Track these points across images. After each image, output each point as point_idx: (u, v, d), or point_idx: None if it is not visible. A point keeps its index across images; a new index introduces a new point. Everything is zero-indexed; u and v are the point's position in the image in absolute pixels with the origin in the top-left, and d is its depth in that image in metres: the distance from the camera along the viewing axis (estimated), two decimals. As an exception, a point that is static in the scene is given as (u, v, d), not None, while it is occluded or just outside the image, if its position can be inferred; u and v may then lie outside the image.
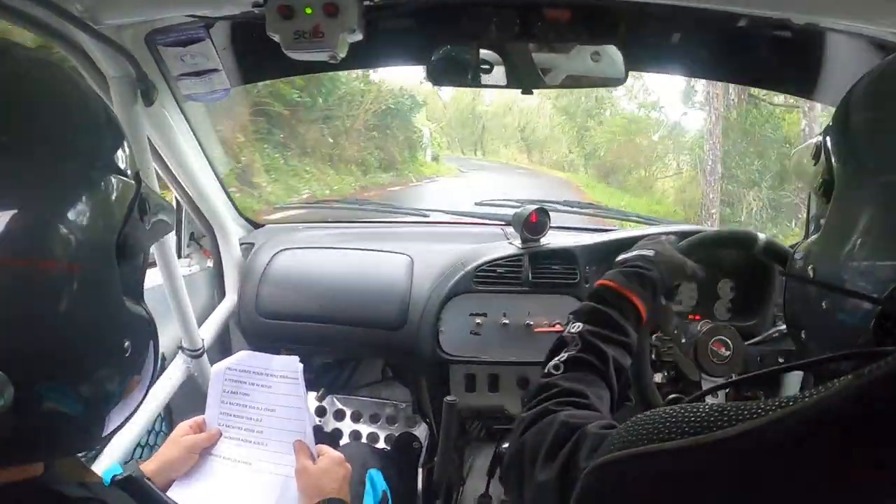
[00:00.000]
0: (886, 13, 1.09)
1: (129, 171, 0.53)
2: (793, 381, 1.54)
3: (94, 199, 0.48)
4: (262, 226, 1.91)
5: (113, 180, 0.51)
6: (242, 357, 1.12)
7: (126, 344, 0.52)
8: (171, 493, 0.98)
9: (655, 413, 0.51)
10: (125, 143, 0.54)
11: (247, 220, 1.90)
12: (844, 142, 0.58)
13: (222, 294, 1.75)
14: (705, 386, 1.24)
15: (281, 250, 1.70)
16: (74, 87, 0.52)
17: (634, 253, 1.02)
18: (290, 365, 1.09)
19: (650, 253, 1.00)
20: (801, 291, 0.62)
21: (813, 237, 0.61)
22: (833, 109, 0.65)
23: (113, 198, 0.50)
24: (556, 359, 0.82)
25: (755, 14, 1.19)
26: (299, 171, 8.46)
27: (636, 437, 0.50)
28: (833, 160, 0.59)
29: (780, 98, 9.30)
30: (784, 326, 1.24)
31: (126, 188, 0.52)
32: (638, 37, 1.46)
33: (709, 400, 0.84)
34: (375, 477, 1.32)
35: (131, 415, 0.56)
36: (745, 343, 1.19)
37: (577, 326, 0.86)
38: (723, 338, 1.21)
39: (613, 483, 0.51)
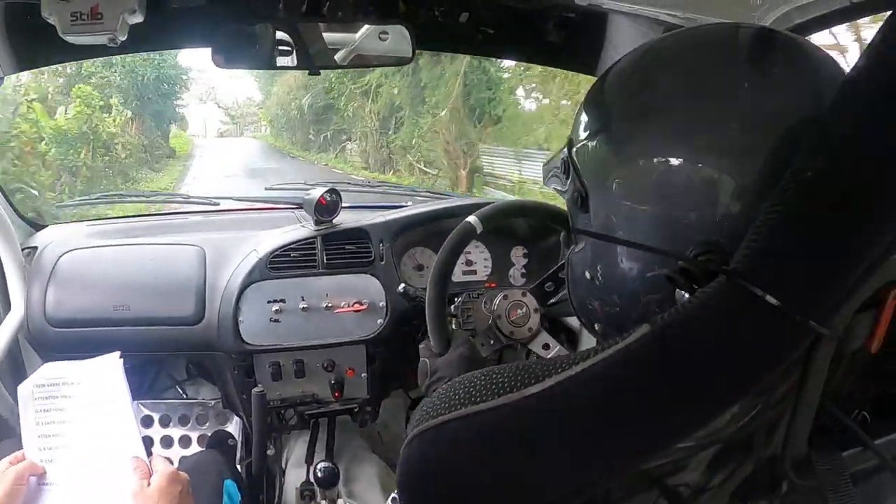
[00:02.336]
0: None
1: None
2: (589, 336, 1.68)
3: None
4: (45, 227, 1.72)
5: None
6: (50, 369, 1.00)
7: None
8: None
9: (468, 377, 0.52)
10: None
11: (27, 221, 1.70)
12: (601, 123, 0.59)
13: (7, 306, 1.56)
14: (533, 347, 1.32)
15: (67, 251, 1.54)
16: None
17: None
18: (107, 365, 0.99)
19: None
20: (581, 278, 0.64)
21: (580, 245, 0.63)
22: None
23: None
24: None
25: None
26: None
27: (448, 403, 0.50)
28: (580, 169, 0.60)
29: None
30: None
31: None
32: (427, 15, 1.49)
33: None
34: (231, 488, 1.26)
35: None
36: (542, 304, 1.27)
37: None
38: (518, 300, 1.29)
39: (434, 448, 0.51)
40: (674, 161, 0.52)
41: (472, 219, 1.16)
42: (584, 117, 0.62)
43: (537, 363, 0.49)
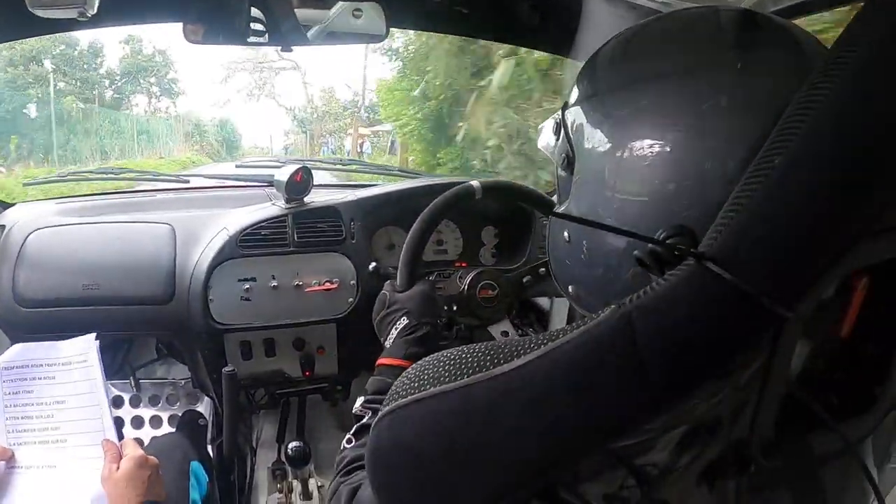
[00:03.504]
0: None
1: None
2: (559, 319, 1.70)
3: None
4: (12, 205, 1.69)
5: None
6: (18, 351, 1.00)
7: None
8: None
9: (436, 357, 0.52)
10: None
11: None
12: (589, 111, 0.59)
13: None
14: (492, 330, 1.33)
15: (35, 230, 1.52)
16: None
17: (397, 318, 1.07)
18: (81, 347, 0.99)
19: (405, 318, 1.06)
20: (562, 243, 0.64)
21: (564, 206, 0.63)
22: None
23: None
24: (348, 434, 0.89)
25: None
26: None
27: (419, 382, 0.51)
28: (572, 134, 0.61)
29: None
30: (542, 269, 1.36)
31: None
32: (401, -8, 1.49)
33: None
34: (198, 470, 1.26)
35: None
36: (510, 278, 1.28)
37: (359, 401, 0.95)
38: (488, 281, 1.30)
39: (403, 428, 0.51)
40: (656, 143, 0.52)
41: (474, 183, 1.17)
42: (576, 85, 0.63)
43: (507, 342, 0.49)
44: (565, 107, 0.63)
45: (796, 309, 0.42)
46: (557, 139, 0.64)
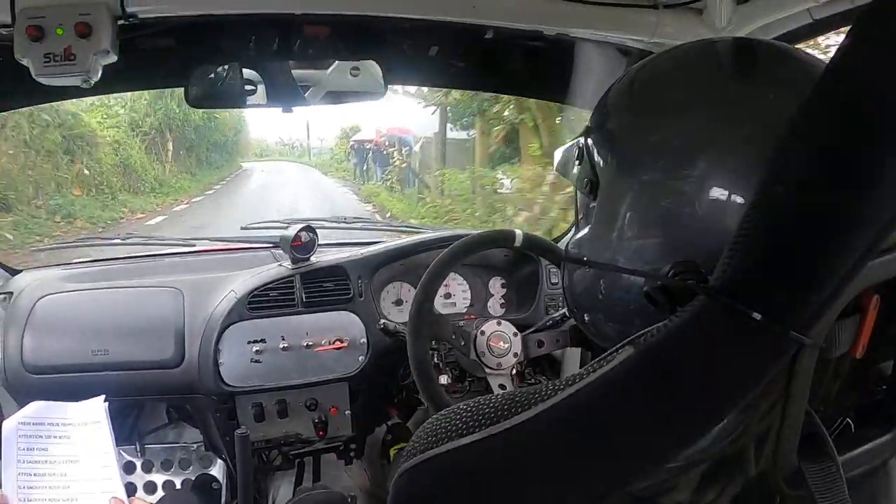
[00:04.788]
0: (627, 24, 1.23)
1: None
2: (571, 365, 1.68)
3: None
4: (19, 271, 1.70)
5: None
6: (36, 408, 0.98)
7: None
8: None
9: (451, 411, 0.51)
10: None
11: (2, 266, 1.68)
12: (604, 143, 0.60)
13: None
14: (492, 380, 1.31)
15: (43, 296, 1.52)
16: None
17: None
18: (92, 409, 0.98)
19: None
20: (581, 277, 0.64)
21: (584, 230, 0.63)
22: (588, 112, 0.66)
23: None
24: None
25: (508, 27, 1.26)
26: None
27: (435, 437, 0.50)
28: (595, 160, 0.60)
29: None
30: (557, 314, 1.34)
31: None
32: (396, 50, 1.51)
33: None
34: None
35: None
36: (523, 333, 1.27)
37: None
38: (500, 331, 1.29)
39: (422, 483, 0.51)
40: (670, 180, 0.52)
41: (517, 231, 1.20)
42: (596, 115, 0.63)
43: (522, 392, 0.49)
44: (588, 132, 0.63)
45: (811, 334, 0.42)
46: (579, 163, 0.63)
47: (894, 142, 0.38)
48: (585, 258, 0.62)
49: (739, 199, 0.49)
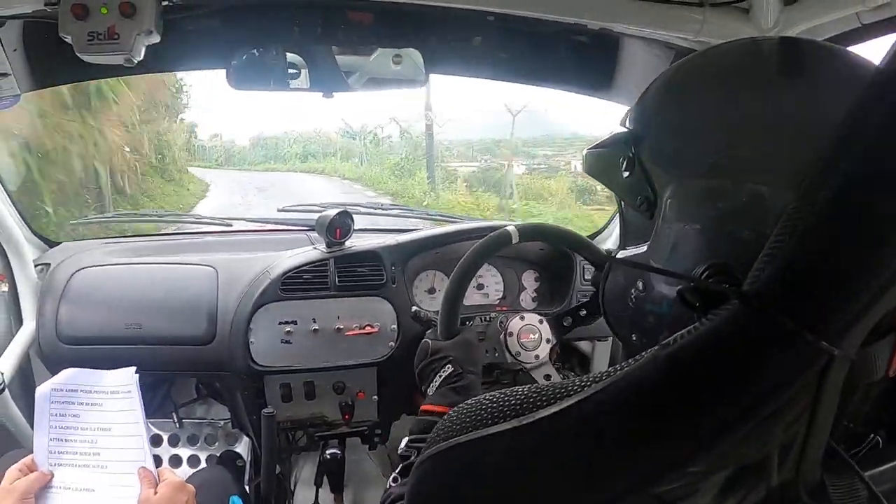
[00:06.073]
0: (673, 21, 1.21)
1: None
2: (601, 361, 1.67)
3: None
4: (58, 243, 1.73)
5: None
6: (68, 375, 1.03)
7: None
8: None
9: (478, 400, 0.52)
10: None
11: (41, 237, 1.71)
12: (661, 155, 0.58)
13: (20, 322, 1.57)
14: (535, 374, 1.31)
15: (80, 269, 1.55)
16: None
17: (441, 367, 1.10)
18: (123, 378, 1.02)
19: (449, 366, 1.09)
20: (621, 289, 0.63)
21: (642, 248, 0.61)
22: (625, 108, 0.64)
23: None
24: (394, 472, 0.90)
25: (552, 19, 1.25)
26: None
27: (461, 425, 0.50)
28: (650, 173, 0.58)
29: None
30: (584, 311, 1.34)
31: None
32: (439, 39, 1.50)
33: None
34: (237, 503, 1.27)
35: None
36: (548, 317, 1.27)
37: (404, 441, 0.95)
38: (526, 325, 1.28)
39: (445, 472, 0.51)
40: (717, 180, 0.52)
41: (510, 227, 1.18)
42: (639, 117, 0.61)
43: (549, 386, 0.49)
44: (637, 140, 0.60)
45: (842, 345, 0.41)
46: (628, 174, 0.60)
47: None
48: (640, 282, 0.61)
49: (780, 202, 0.48)
